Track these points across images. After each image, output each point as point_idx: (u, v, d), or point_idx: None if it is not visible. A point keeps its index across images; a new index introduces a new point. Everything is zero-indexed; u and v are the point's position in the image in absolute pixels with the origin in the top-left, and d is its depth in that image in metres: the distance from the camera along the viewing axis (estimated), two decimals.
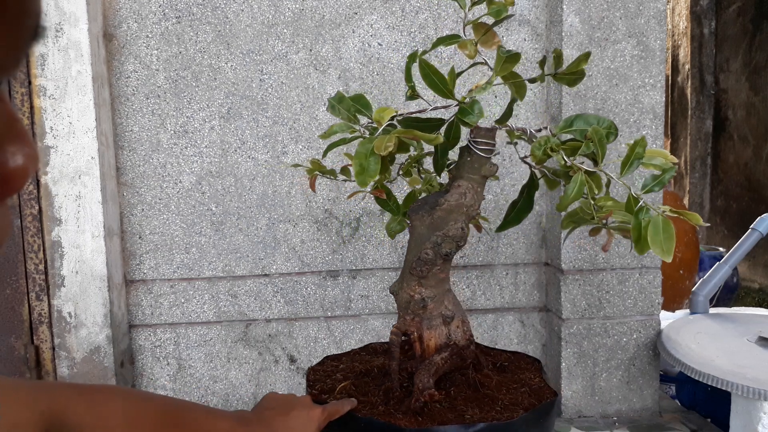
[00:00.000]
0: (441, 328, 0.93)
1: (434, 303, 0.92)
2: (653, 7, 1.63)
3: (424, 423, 0.83)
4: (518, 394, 0.92)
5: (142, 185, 1.73)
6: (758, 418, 1.39)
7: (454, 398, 0.90)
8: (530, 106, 1.74)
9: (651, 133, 1.66)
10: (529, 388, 0.93)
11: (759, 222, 1.81)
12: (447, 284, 0.94)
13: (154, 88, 1.71)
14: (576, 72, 0.90)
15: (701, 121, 4.25)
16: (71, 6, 1.57)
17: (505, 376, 0.98)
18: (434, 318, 0.93)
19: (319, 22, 1.70)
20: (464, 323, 0.95)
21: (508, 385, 0.95)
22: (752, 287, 3.72)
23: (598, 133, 0.83)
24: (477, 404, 0.88)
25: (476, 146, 0.91)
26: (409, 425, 0.82)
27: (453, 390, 0.92)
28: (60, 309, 1.65)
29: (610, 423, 1.68)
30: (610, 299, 1.69)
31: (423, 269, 0.90)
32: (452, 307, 0.94)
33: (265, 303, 1.77)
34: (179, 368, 1.78)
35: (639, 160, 0.84)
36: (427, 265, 0.90)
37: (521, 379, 0.97)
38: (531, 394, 0.92)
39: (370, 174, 0.76)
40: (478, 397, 0.90)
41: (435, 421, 0.83)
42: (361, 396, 0.91)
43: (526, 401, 0.89)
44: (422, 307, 0.92)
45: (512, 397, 0.91)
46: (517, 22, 1.72)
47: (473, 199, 0.91)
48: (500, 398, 0.90)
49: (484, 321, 1.79)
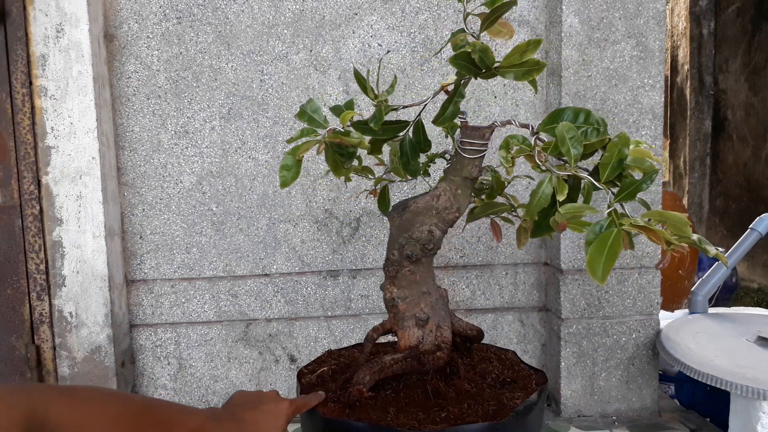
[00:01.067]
0: (413, 330, 0.92)
1: (406, 304, 0.92)
2: (652, 8, 1.63)
3: (349, 416, 0.85)
4: (476, 409, 0.86)
5: (143, 185, 1.74)
6: (757, 418, 1.40)
7: (397, 400, 0.88)
8: (530, 107, 1.75)
9: (650, 133, 1.67)
10: (495, 406, 0.87)
11: (758, 222, 1.82)
12: (424, 286, 0.92)
13: (154, 88, 1.71)
14: (524, 63, 0.79)
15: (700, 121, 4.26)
16: (72, 7, 1.58)
17: (480, 385, 0.93)
18: (407, 319, 0.93)
19: (319, 23, 1.71)
20: (440, 328, 0.92)
21: (476, 397, 0.89)
22: (751, 287, 3.72)
23: (565, 133, 0.76)
24: (420, 409, 0.86)
25: (461, 146, 0.88)
26: (330, 414, 0.85)
27: (403, 392, 0.91)
28: (61, 309, 1.65)
29: (610, 422, 1.68)
30: (609, 299, 1.69)
31: (390, 269, 0.91)
32: (428, 310, 0.92)
33: (266, 303, 1.78)
34: (180, 368, 1.78)
35: (623, 161, 0.77)
36: (394, 265, 0.91)
37: (496, 395, 0.90)
38: (491, 413, 0.85)
39: (291, 176, 0.84)
40: (428, 404, 0.87)
41: (354, 416, 0.85)
42: (326, 387, 0.94)
43: (478, 417, 0.84)
44: (393, 306, 0.92)
45: (464, 410, 0.85)
46: (516, 22, 1.72)
47: (449, 202, 0.89)
48: (450, 409, 0.85)
49: (484, 321, 1.79)
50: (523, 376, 0.98)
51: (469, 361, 1.02)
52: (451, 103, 0.84)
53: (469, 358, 1.03)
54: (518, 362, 1.04)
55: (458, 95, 0.84)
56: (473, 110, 1.74)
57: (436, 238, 0.89)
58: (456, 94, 0.84)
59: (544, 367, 1.81)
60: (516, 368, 1.01)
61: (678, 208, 2.59)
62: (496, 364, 1.02)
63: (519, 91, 1.75)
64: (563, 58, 1.64)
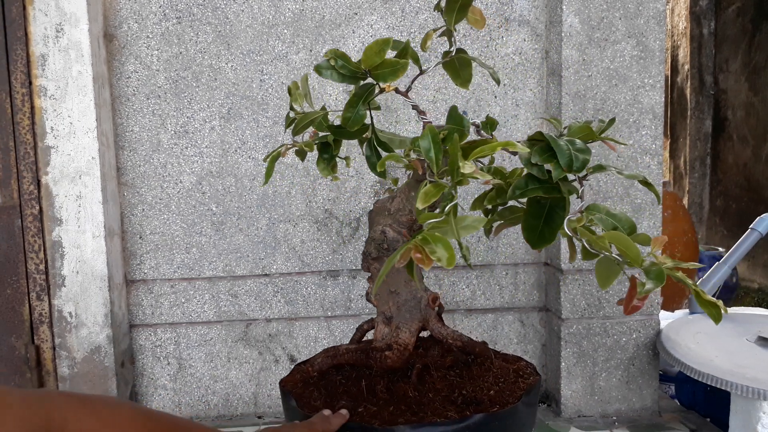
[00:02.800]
0: (381, 326, 0.94)
1: (377, 301, 0.94)
2: (652, 8, 1.63)
3: (296, 391, 0.93)
4: (392, 416, 0.84)
5: (143, 185, 1.74)
6: (757, 418, 1.40)
7: (339, 386, 0.92)
8: (530, 106, 1.75)
9: (650, 133, 1.67)
10: (416, 420, 0.84)
11: (758, 222, 1.82)
12: (392, 286, 0.92)
13: (154, 88, 1.71)
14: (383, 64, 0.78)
15: (701, 121, 4.25)
16: (72, 6, 1.57)
17: (430, 398, 0.89)
18: (379, 315, 0.95)
19: (319, 23, 1.71)
20: (398, 329, 0.92)
21: (413, 405, 0.86)
22: (751, 287, 3.72)
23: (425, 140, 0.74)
24: (346, 399, 0.89)
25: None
26: (286, 386, 0.94)
27: (351, 381, 0.93)
28: (60, 309, 1.65)
29: (610, 422, 1.68)
30: (609, 299, 1.69)
31: (364, 265, 0.94)
32: (394, 309, 0.93)
33: (266, 303, 1.77)
34: (179, 368, 1.78)
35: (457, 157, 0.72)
36: (365, 262, 0.93)
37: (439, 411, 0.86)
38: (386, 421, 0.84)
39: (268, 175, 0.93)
40: (359, 397, 0.89)
41: (295, 392, 0.92)
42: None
43: (376, 422, 0.83)
44: (369, 302, 0.95)
45: (377, 413, 0.86)
46: (516, 22, 1.72)
47: (401, 204, 0.90)
48: (368, 407, 0.86)
49: (484, 321, 1.79)
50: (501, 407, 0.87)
51: (457, 373, 0.93)
52: (355, 109, 0.82)
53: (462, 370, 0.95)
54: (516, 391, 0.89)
55: (363, 102, 0.82)
56: (473, 110, 1.74)
57: (389, 239, 0.89)
58: (361, 100, 0.82)
59: (544, 367, 1.81)
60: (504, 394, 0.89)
61: (678, 208, 2.59)
62: (487, 382, 0.92)
63: (519, 91, 1.74)
64: (563, 57, 1.64)
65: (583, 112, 1.66)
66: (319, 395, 0.92)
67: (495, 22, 1.73)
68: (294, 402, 0.90)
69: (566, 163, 0.74)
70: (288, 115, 0.95)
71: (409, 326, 0.92)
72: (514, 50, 1.74)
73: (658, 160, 1.68)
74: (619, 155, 1.67)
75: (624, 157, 1.67)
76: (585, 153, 0.75)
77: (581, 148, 0.75)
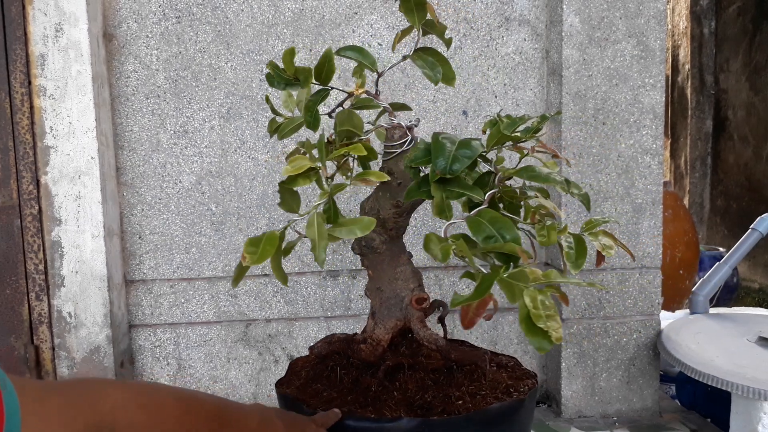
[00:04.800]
0: (369, 320, 0.97)
1: (371, 294, 0.97)
2: (653, 7, 1.63)
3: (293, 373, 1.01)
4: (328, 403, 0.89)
5: (142, 185, 1.73)
6: (758, 418, 1.39)
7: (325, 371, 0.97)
8: (530, 106, 1.74)
9: (651, 133, 1.66)
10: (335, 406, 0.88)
11: (759, 222, 1.81)
12: (377, 283, 0.95)
13: (153, 88, 1.71)
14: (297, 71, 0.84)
15: (701, 121, 4.25)
16: (71, 6, 1.57)
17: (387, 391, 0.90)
18: (371, 309, 0.98)
19: (319, 22, 1.70)
20: (376, 325, 0.95)
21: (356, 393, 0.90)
22: (752, 287, 3.72)
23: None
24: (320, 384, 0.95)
25: (384, 149, 0.90)
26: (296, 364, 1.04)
27: (340, 367, 0.97)
28: (60, 309, 1.65)
29: (610, 423, 1.68)
30: (610, 299, 1.69)
31: (362, 262, 0.97)
32: (377, 305, 0.96)
33: (265, 303, 1.77)
34: (179, 368, 1.78)
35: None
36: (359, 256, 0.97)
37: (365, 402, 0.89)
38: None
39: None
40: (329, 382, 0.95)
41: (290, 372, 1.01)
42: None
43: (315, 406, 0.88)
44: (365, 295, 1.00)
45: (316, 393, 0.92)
46: (517, 22, 1.72)
47: (372, 204, 0.92)
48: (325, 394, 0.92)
49: (484, 321, 1.78)
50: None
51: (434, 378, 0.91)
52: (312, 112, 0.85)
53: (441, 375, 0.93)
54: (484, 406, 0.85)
55: (317, 105, 0.85)
56: (473, 110, 1.74)
57: (366, 237, 0.90)
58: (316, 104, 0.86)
59: (544, 368, 1.80)
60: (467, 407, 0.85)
61: (679, 208, 2.59)
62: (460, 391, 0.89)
63: (519, 90, 1.74)
64: (564, 57, 1.63)
65: (584, 112, 1.65)
66: (305, 377, 0.98)
67: (495, 22, 1.72)
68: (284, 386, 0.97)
69: (442, 165, 0.70)
70: (274, 119, 0.96)
71: (385, 323, 0.94)
72: (514, 50, 1.73)
73: (659, 160, 1.68)
74: (619, 155, 1.66)
75: (625, 157, 1.67)
76: (471, 152, 0.71)
77: (466, 147, 0.71)
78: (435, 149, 0.72)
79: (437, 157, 0.71)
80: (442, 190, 0.72)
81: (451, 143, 0.72)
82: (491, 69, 1.74)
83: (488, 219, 0.70)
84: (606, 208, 1.68)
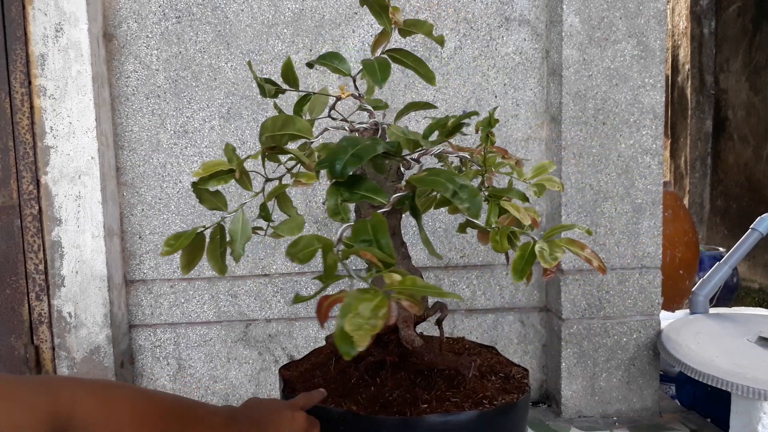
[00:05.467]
0: None
1: None
2: (653, 7, 1.63)
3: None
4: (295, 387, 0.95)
5: (142, 185, 1.73)
6: (758, 418, 1.39)
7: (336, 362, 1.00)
8: (530, 106, 1.74)
9: (651, 133, 1.66)
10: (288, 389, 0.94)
11: (759, 222, 1.81)
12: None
13: (154, 88, 1.71)
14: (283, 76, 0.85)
15: (701, 121, 4.25)
16: (71, 6, 1.57)
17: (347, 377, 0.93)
18: None
19: (319, 22, 1.70)
20: None
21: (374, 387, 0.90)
22: (752, 287, 3.72)
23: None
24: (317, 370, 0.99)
25: None
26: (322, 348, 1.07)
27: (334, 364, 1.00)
28: (60, 309, 1.65)
29: (610, 423, 1.68)
30: (610, 299, 1.69)
31: None
32: None
33: (265, 303, 1.77)
34: (179, 368, 1.78)
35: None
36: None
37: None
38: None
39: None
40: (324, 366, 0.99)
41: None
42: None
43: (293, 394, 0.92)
44: None
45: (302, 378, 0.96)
46: (517, 22, 1.72)
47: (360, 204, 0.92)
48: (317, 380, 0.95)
49: (484, 321, 1.79)
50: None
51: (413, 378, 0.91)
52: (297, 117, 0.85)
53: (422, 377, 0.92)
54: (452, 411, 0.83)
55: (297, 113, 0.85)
56: (473, 109, 1.74)
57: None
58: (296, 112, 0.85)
59: (544, 368, 1.80)
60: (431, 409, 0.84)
61: (679, 208, 2.59)
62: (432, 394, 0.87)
63: (519, 90, 1.74)
64: (564, 57, 1.63)
65: (584, 112, 1.65)
66: (313, 363, 1.01)
67: (495, 22, 1.72)
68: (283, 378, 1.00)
69: (338, 168, 0.69)
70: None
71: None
72: (514, 50, 1.73)
73: (659, 160, 1.68)
74: (619, 155, 1.66)
75: (625, 157, 1.67)
76: (363, 155, 0.70)
77: (364, 150, 0.70)
78: (335, 152, 0.71)
79: (335, 161, 0.70)
80: (338, 194, 0.73)
81: (352, 146, 0.72)
82: (491, 69, 1.74)
83: (373, 224, 0.70)
84: (606, 208, 1.68)
